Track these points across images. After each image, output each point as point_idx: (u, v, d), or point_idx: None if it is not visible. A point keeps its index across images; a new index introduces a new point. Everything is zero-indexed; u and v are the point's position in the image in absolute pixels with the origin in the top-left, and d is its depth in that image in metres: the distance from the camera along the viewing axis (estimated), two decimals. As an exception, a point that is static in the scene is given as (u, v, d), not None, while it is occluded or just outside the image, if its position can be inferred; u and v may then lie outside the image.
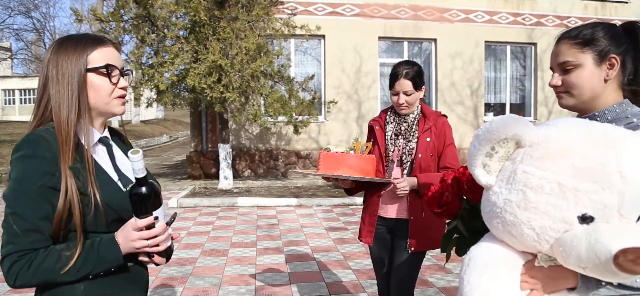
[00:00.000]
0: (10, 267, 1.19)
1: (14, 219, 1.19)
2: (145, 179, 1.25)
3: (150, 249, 1.30)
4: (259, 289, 4.27)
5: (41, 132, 1.25)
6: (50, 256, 1.21)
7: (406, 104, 2.49)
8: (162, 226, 1.30)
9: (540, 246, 1.00)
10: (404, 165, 2.53)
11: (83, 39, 1.33)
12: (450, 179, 1.43)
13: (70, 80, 1.28)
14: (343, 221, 7.29)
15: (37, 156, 1.21)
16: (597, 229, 0.91)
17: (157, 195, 1.27)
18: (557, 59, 1.39)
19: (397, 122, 2.60)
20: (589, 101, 1.37)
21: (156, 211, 1.28)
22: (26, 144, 1.23)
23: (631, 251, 0.83)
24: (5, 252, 1.20)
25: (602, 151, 0.95)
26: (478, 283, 1.01)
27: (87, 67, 1.30)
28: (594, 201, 0.93)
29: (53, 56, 1.30)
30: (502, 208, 1.02)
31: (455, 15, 12.13)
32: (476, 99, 12.38)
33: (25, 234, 1.19)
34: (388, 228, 2.63)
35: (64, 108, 1.27)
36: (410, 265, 2.56)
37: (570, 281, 1.07)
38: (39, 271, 1.20)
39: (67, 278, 1.23)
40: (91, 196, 1.24)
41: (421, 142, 2.50)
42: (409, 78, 2.46)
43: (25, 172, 1.20)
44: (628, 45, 1.35)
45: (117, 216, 1.30)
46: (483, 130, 1.03)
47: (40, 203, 1.20)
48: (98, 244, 1.26)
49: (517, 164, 1.01)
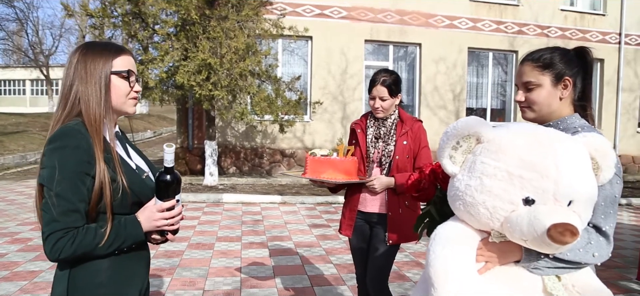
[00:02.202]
0: (56, 243, 1.36)
1: (57, 201, 1.35)
2: (172, 168, 1.48)
3: (169, 227, 1.53)
4: (244, 281, 4.43)
5: (74, 126, 1.42)
6: (88, 233, 1.39)
7: (381, 108, 2.73)
8: (180, 209, 1.53)
9: (492, 224, 1.24)
10: (383, 166, 2.76)
11: (108, 46, 1.53)
12: (428, 170, 1.67)
13: (98, 80, 1.47)
14: (326, 218, 7.49)
15: (74, 146, 1.38)
16: (536, 210, 1.15)
17: (178, 183, 1.51)
18: (521, 79, 1.63)
19: (377, 126, 2.82)
20: (546, 115, 1.62)
21: (177, 196, 1.52)
22: (62, 136, 1.40)
23: (560, 225, 1.07)
24: (49, 230, 1.36)
25: (544, 148, 1.21)
26: (441, 252, 1.24)
27: (112, 70, 1.49)
28: (535, 187, 1.17)
29: (81, 58, 1.48)
30: (463, 191, 1.26)
31: (440, 21, 12.44)
32: (458, 104, 12.70)
33: (67, 214, 1.36)
34: (366, 221, 2.85)
35: (92, 103, 1.45)
36: (387, 255, 2.79)
37: (517, 255, 1.31)
38: (80, 246, 1.38)
39: (101, 251, 1.42)
40: (119, 181, 1.44)
41: (399, 145, 2.73)
42: (386, 85, 2.69)
43: (66, 159, 1.37)
44: (579, 68, 1.60)
45: (137, 199, 1.51)
46: (451, 128, 1.28)
47: (79, 187, 1.37)
48: (124, 223, 1.46)
49: (476, 156, 1.25)
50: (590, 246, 1.38)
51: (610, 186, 1.42)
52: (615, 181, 1.42)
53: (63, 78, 1.51)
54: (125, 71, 1.52)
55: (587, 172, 1.25)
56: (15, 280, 4.31)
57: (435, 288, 1.21)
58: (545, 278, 1.33)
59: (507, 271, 1.31)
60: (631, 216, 8.43)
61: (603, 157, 1.31)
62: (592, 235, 1.41)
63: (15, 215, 7.20)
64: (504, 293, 1.28)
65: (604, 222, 1.42)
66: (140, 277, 1.59)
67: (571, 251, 1.33)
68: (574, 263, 1.35)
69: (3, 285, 4.18)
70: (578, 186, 1.20)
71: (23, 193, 9.27)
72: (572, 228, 1.08)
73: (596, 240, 1.40)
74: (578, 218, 1.17)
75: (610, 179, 1.37)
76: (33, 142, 16.93)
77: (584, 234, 1.38)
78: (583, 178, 1.22)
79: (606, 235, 1.42)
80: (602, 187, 1.39)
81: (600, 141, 1.32)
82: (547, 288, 1.32)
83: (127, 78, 1.53)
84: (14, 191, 9.48)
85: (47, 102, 32.56)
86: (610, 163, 1.32)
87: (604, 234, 1.42)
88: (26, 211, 7.51)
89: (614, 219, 1.44)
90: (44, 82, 34.71)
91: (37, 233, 5.92)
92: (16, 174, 12.25)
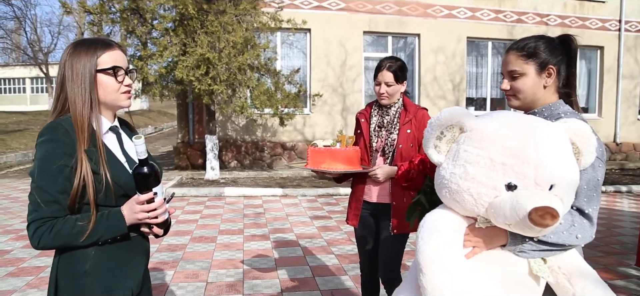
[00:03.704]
0: (35, 231, 1.44)
1: (38, 192, 1.43)
2: (146, 160, 1.48)
3: (150, 220, 1.54)
4: (247, 272, 4.50)
5: (61, 121, 1.49)
6: (67, 224, 1.45)
7: (386, 94, 2.70)
8: (160, 201, 1.54)
9: (477, 210, 1.28)
10: (387, 155, 2.73)
11: (93, 43, 1.56)
12: (417, 160, 1.71)
13: (83, 79, 1.50)
14: (327, 210, 7.55)
15: (57, 140, 1.44)
16: (518, 194, 1.20)
17: (156, 174, 1.51)
18: (506, 68, 1.67)
19: (381, 114, 2.79)
20: (531, 102, 1.66)
21: (155, 188, 1.52)
22: (49, 130, 1.46)
23: (540, 209, 1.12)
24: (30, 219, 1.45)
25: (524, 135, 1.25)
26: (428, 239, 1.29)
27: (97, 68, 1.52)
28: (516, 173, 1.22)
29: (68, 58, 1.52)
30: (448, 179, 1.30)
31: (438, 11, 12.42)
32: (458, 94, 12.71)
33: (46, 204, 1.43)
34: (372, 212, 2.84)
35: (78, 102, 1.49)
36: (394, 245, 2.78)
37: (503, 239, 1.36)
38: (58, 236, 1.44)
39: (80, 241, 1.46)
40: (102, 175, 1.47)
41: (402, 134, 2.70)
42: (391, 71, 2.68)
43: (48, 153, 1.43)
44: (563, 55, 1.63)
45: (123, 192, 1.54)
46: (435, 118, 1.32)
47: (59, 179, 1.43)
48: (107, 215, 1.50)
49: (460, 145, 1.30)
50: (573, 228, 1.42)
51: (593, 170, 1.45)
52: (597, 164, 1.45)
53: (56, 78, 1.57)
54: (110, 68, 1.53)
55: (567, 156, 1.29)
56: (22, 276, 4.39)
57: (423, 273, 1.26)
58: (531, 260, 1.37)
59: (494, 256, 1.36)
60: (631, 203, 8.48)
61: (583, 141, 1.35)
62: (576, 218, 1.44)
63: (19, 212, 7.27)
64: (491, 277, 1.33)
65: (587, 205, 1.45)
66: (134, 268, 1.61)
67: (555, 234, 1.37)
68: (558, 245, 1.39)
69: (10, 281, 4.25)
70: (558, 170, 1.24)
71: (26, 191, 9.31)
72: (552, 211, 1.13)
73: (580, 223, 1.44)
74: (559, 201, 1.22)
75: (592, 163, 1.40)
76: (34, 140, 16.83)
77: (568, 217, 1.42)
78: (563, 163, 1.27)
79: (589, 217, 1.46)
80: (585, 171, 1.43)
81: (581, 125, 1.35)
82: (533, 271, 1.36)
83: (114, 74, 1.54)
84: (17, 189, 9.56)
85: (47, 100, 32.60)
86: (591, 147, 1.36)
87: (587, 217, 1.46)
88: (30, 208, 7.57)
89: (597, 202, 1.48)
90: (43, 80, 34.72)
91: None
92: (18, 172, 12.32)
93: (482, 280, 1.31)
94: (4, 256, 5.03)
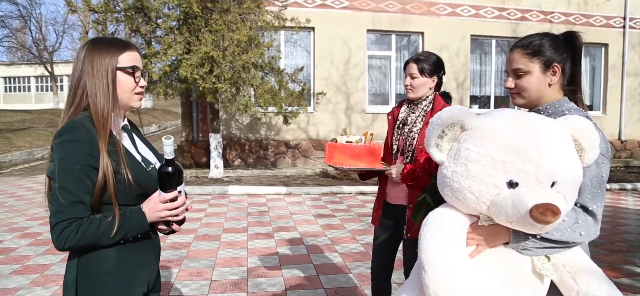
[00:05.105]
0: (61, 233, 1.42)
1: (62, 193, 1.41)
2: (173, 160, 1.52)
3: (173, 218, 1.57)
4: (251, 270, 4.51)
5: (80, 120, 1.48)
6: (92, 223, 1.45)
7: (410, 86, 2.63)
8: (183, 199, 1.57)
9: (479, 208, 1.29)
10: (406, 154, 2.62)
11: (114, 42, 1.58)
12: (423, 159, 1.71)
13: (105, 74, 1.52)
14: (331, 208, 7.56)
15: (79, 140, 1.44)
16: (519, 192, 1.21)
17: (180, 174, 1.54)
18: (511, 66, 1.66)
19: (407, 112, 2.70)
20: (536, 101, 1.65)
21: (179, 187, 1.55)
22: (69, 130, 1.45)
23: (541, 206, 1.12)
24: (55, 220, 1.42)
25: (525, 132, 1.26)
26: (431, 237, 1.30)
27: (118, 65, 1.54)
28: (517, 170, 1.22)
29: (88, 54, 1.53)
30: (450, 178, 1.31)
31: (442, 9, 12.40)
32: (462, 92, 12.69)
33: (71, 205, 1.42)
34: (391, 213, 2.75)
35: (100, 97, 1.50)
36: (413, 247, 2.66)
37: (506, 237, 1.36)
38: (85, 236, 1.44)
39: (106, 241, 1.47)
40: (123, 174, 1.49)
41: (422, 133, 2.56)
42: (417, 63, 2.61)
43: (71, 153, 1.43)
44: (568, 53, 1.62)
45: (142, 191, 1.55)
46: (435, 118, 1.34)
47: (83, 179, 1.43)
48: (129, 213, 1.51)
49: (461, 144, 1.31)
50: (577, 225, 1.41)
51: (597, 167, 1.44)
52: (601, 161, 1.44)
53: (71, 73, 1.57)
54: (130, 67, 1.56)
55: (569, 153, 1.29)
56: (27, 273, 4.42)
57: (426, 272, 1.26)
58: (535, 258, 1.37)
59: (497, 254, 1.36)
60: (636, 201, 8.45)
61: (585, 138, 1.34)
62: (580, 215, 1.43)
63: (25, 210, 7.31)
64: (494, 275, 1.33)
65: (591, 202, 1.44)
66: (148, 266, 1.63)
67: (558, 231, 1.37)
68: (561, 242, 1.38)
69: (15, 278, 4.28)
70: (560, 167, 1.24)
71: (31, 189, 9.40)
72: (552, 208, 1.13)
73: (583, 220, 1.42)
74: (562, 198, 1.22)
75: (596, 160, 1.39)
76: (39, 138, 17.08)
77: (572, 214, 1.41)
78: (565, 159, 1.27)
79: (593, 215, 1.44)
80: (589, 168, 1.41)
81: (583, 122, 1.35)
82: (536, 269, 1.36)
83: (132, 74, 1.57)
84: (23, 187, 9.61)
85: (52, 99, 32.74)
86: (594, 143, 1.35)
87: (592, 214, 1.44)
88: (35, 206, 7.62)
89: (601, 200, 1.46)
90: (48, 79, 34.91)
91: (47, 227, 6.02)
92: (24, 170, 12.39)
93: (485, 278, 1.31)
94: (9, 253, 5.06)
